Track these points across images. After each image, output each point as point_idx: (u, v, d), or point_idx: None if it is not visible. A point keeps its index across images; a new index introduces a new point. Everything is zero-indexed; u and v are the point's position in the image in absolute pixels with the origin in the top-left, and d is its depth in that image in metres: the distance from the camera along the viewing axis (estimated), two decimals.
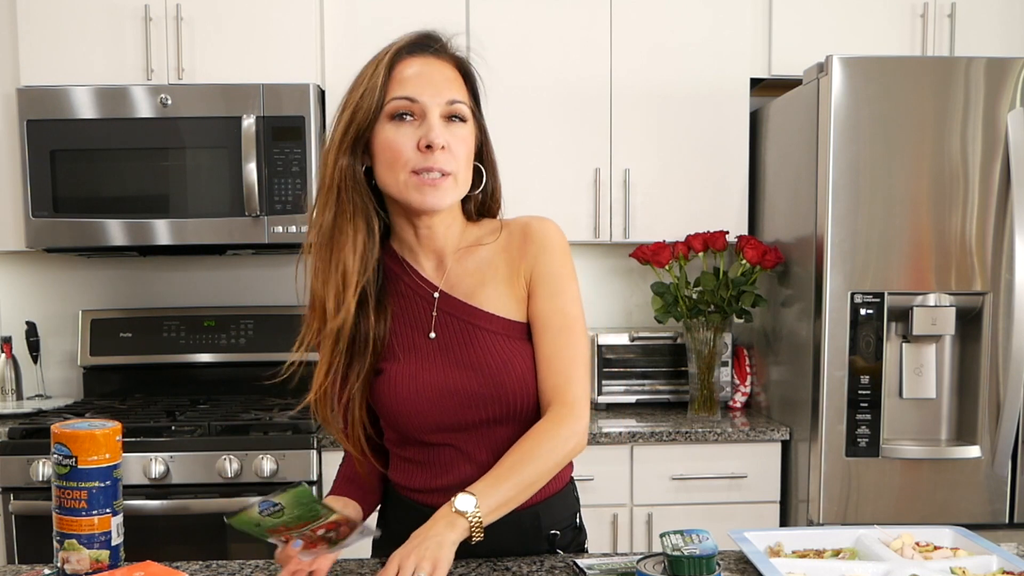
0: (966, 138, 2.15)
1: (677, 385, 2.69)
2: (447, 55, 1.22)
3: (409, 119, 1.17)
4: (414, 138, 1.16)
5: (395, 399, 1.22)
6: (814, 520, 2.24)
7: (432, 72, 1.19)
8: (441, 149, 1.15)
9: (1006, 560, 1.17)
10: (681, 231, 2.59)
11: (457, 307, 1.24)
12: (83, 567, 1.13)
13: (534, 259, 1.24)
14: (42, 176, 2.44)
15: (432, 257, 1.26)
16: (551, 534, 1.29)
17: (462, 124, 1.19)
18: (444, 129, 1.17)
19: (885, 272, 2.17)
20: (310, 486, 1.48)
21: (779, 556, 1.22)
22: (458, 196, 1.21)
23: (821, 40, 2.56)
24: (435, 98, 1.17)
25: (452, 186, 1.18)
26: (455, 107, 1.18)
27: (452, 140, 1.17)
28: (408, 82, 1.17)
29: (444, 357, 1.22)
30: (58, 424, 1.14)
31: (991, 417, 2.19)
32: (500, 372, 1.20)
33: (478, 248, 1.27)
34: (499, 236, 1.27)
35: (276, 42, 2.49)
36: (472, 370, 1.21)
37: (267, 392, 2.78)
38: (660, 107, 2.61)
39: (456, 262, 1.26)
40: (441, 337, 1.23)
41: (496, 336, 1.22)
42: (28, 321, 2.84)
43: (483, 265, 1.26)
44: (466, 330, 1.23)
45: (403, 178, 1.17)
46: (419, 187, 1.16)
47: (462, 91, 1.21)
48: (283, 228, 2.47)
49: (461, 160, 1.19)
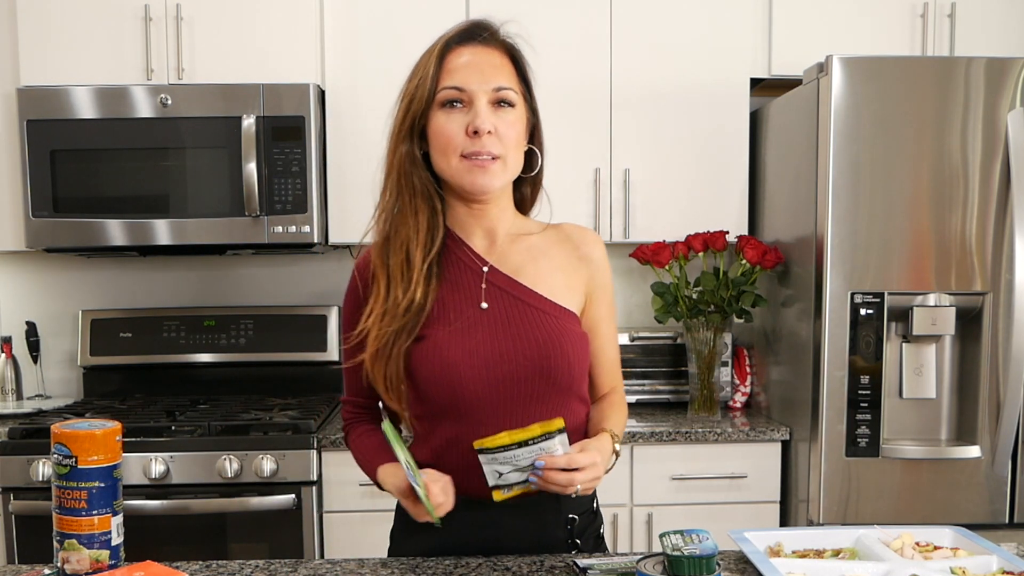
0: (966, 138, 2.15)
1: (677, 385, 2.70)
2: (496, 42, 1.27)
3: (459, 107, 1.23)
4: (463, 124, 1.22)
5: (444, 362, 1.24)
6: (814, 520, 2.24)
7: (480, 61, 1.24)
8: (488, 134, 1.22)
9: (1006, 560, 1.17)
10: (681, 231, 2.59)
11: (506, 282, 1.29)
12: (83, 567, 1.13)
13: (596, 268, 1.35)
14: (42, 176, 2.45)
15: (485, 236, 1.33)
16: (570, 518, 1.31)
17: (510, 109, 1.25)
18: (492, 114, 1.23)
19: (885, 272, 2.17)
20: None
21: (779, 556, 1.23)
22: (508, 178, 1.28)
23: (821, 40, 2.56)
24: (482, 85, 1.23)
25: (501, 168, 1.24)
26: (502, 93, 1.24)
27: (500, 124, 1.23)
28: (457, 72, 1.23)
29: (493, 327, 1.26)
30: (58, 424, 1.14)
31: (991, 417, 2.19)
32: (546, 347, 1.25)
33: (529, 236, 1.35)
34: (545, 232, 1.36)
35: (276, 42, 2.49)
36: (521, 342, 1.25)
37: (267, 392, 2.79)
38: (660, 107, 2.61)
39: (507, 243, 1.33)
40: (491, 308, 1.27)
41: (544, 315, 1.27)
42: (28, 321, 2.84)
43: (534, 251, 1.33)
44: (515, 305, 1.28)
45: (454, 163, 1.23)
46: (470, 170, 1.23)
47: (511, 77, 1.26)
48: (283, 228, 2.47)
49: (510, 143, 1.24)
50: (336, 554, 2.31)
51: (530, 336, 1.25)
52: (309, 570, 1.24)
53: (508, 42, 1.29)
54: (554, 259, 1.33)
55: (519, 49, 1.30)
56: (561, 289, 1.31)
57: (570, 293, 1.32)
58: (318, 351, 2.77)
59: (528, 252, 1.32)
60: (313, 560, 1.28)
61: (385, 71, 2.53)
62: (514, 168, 1.27)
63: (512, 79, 1.26)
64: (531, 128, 1.32)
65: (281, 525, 2.26)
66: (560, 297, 1.30)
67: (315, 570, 1.24)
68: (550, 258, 1.33)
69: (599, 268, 1.36)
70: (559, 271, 1.32)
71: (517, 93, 1.26)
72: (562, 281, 1.32)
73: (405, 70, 1.30)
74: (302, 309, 2.81)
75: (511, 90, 1.24)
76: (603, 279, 1.36)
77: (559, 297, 1.30)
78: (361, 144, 2.56)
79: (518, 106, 1.26)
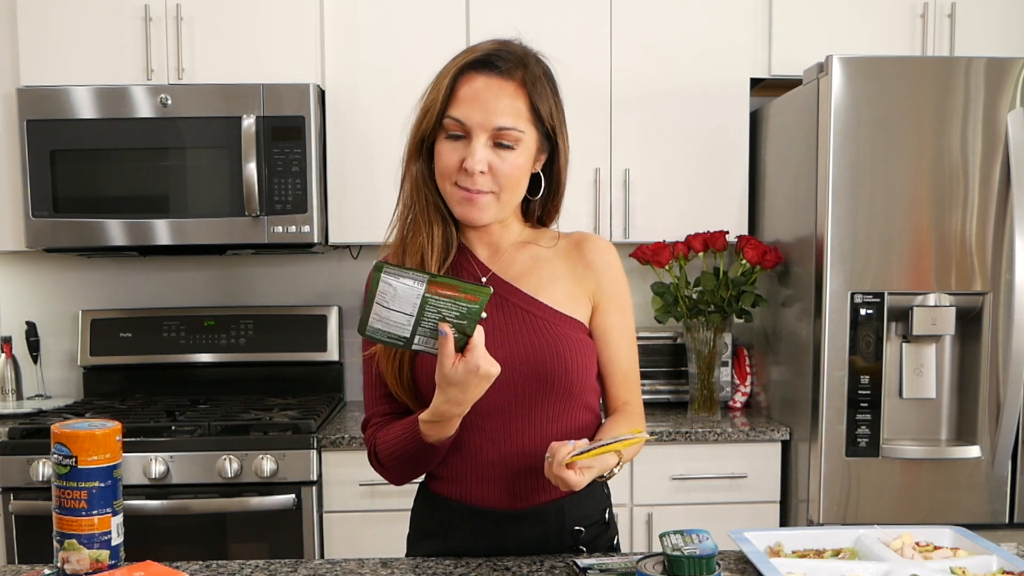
0: (966, 138, 2.15)
1: (677, 385, 2.70)
2: (514, 75, 1.23)
3: (459, 137, 1.22)
4: (459, 157, 1.22)
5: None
6: (814, 520, 2.24)
7: (489, 96, 1.21)
8: (481, 173, 1.21)
9: (1006, 560, 1.17)
10: (681, 231, 2.59)
11: (506, 289, 1.29)
12: (83, 567, 1.13)
13: (601, 274, 1.32)
14: (42, 176, 2.44)
15: (487, 248, 1.33)
16: (575, 530, 1.30)
17: (511, 150, 1.22)
18: (490, 153, 1.21)
19: (885, 272, 2.17)
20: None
21: (779, 556, 1.23)
22: (500, 213, 1.27)
23: (821, 40, 2.56)
24: (483, 123, 1.21)
25: (491, 203, 1.24)
26: (502, 134, 1.21)
27: (497, 163, 1.22)
28: (462, 103, 1.21)
29: (492, 334, 1.23)
30: (58, 424, 1.14)
31: (991, 417, 2.19)
32: (542, 352, 1.24)
33: (535, 246, 1.34)
34: (557, 243, 1.34)
35: (276, 42, 2.49)
36: (518, 347, 1.24)
37: (267, 392, 2.79)
38: (660, 107, 2.61)
39: (512, 251, 1.33)
40: (493, 317, 1.25)
41: (542, 321, 1.27)
42: (28, 321, 2.84)
43: (539, 260, 1.33)
44: (514, 311, 1.27)
45: (448, 188, 1.24)
46: (460, 201, 1.24)
47: (519, 115, 1.22)
48: (283, 228, 2.47)
49: (506, 182, 1.23)
50: (336, 554, 2.31)
51: (527, 341, 1.24)
52: (309, 570, 1.24)
53: (527, 71, 1.24)
54: (558, 268, 1.32)
55: (540, 80, 1.25)
56: (563, 296, 1.30)
57: (573, 301, 1.30)
58: (318, 351, 2.77)
59: (532, 260, 1.32)
60: (313, 560, 1.28)
61: (385, 71, 2.53)
62: (509, 202, 1.26)
63: (520, 116, 1.22)
64: (548, 156, 1.29)
65: (281, 525, 2.26)
66: (562, 305, 1.29)
67: (315, 570, 1.24)
68: (554, 267, 1.32)
69: (607, 276, 1.33)
70: (562, 279, 1.31)
71: (522, 131, 1.22)
72: (564, 289, 1.30)
73: (405, 70, 1.30)
74: (302, 309, 2.81)
75: (513, 130, 1.21)
76: (611, 287, 1.33)
77: (561, 304, 1.29)
78: (361, 144, 2.56)
79: (522, 144, 1.23)
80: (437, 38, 2.50)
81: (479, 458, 1.26)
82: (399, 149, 1.30)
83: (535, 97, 1.24)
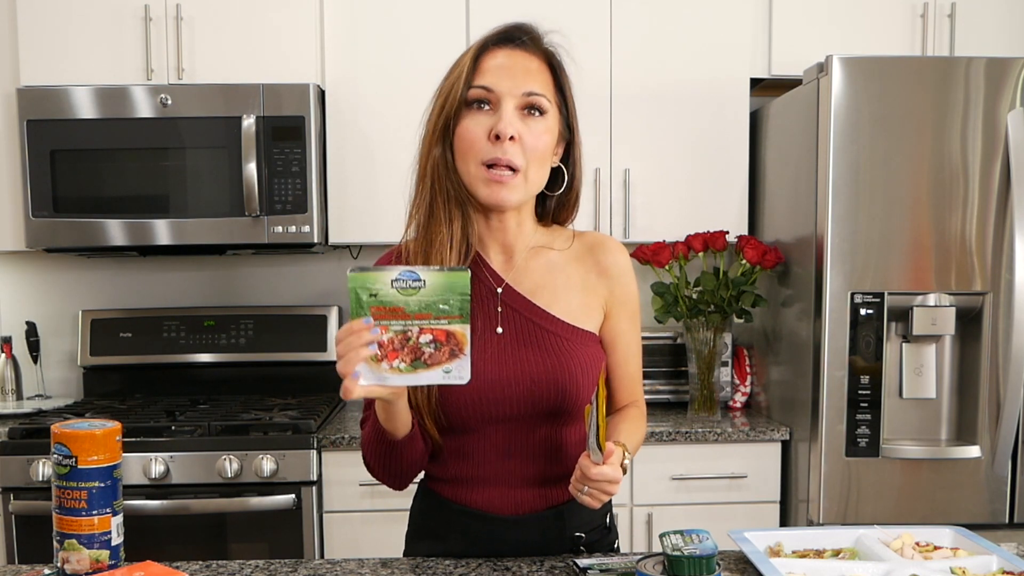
0: (966, 138, 2.15)
1: (677, 385, 2.70)
2: (536, 48, 1.22)
3: (486, 108, 1.17)
4: (487, 128, 1.16)
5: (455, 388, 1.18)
6: (814, 520, 2.24)
7: (514, 64, 1.19)
8: (511, 140, 1.15)
9: (1006, 560, 1.17)
10: (681, 231, 2.59)
11: (521, 303, 1.25)
12: (83, 567, 1.13)
13: (615, 282, 1.30)
14: (42, 176, 2.44)
15: (501, 251, 1.27)
16: (575, 536, 1.29)
17: (540, 118, 1.19)
18: (518, 121, 1.17)
19: (885, 272, 2.17)
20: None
21: (779, 556, 1.22)
22: (526, 196, 1.22)
23: (821, 40, 2.56)
24: (512, 88, 1.17)
25: (520, 184, 1.18)
26: (532, 99, 1.17)
27: (525, 133, 1.17)
28: (489, 72, 1.18)
29: (505, 351, 1.22)
30: (58, 424, 1.14)
31: (991, 417, 2.19)
32: (555, 372, 1.22)
33: (549, 251, 1.29)
34: (571, 245, 1.30)
35: (276, 42, 2.49)
36: (531, 365, 1.22)
37: (267, 392, 2.79)
38: (660, 107, 2.61)
39: (525, 260, 1.28)
40: (506, 332, 1.24)
41: (557, 338, 1.24)
42: (28, 321, 2.84)
43: (553, 268, 1.28)
44: (529, 328, 1.24)
45: (473, 170, 1.18)
46: (487, 182, 1.17)
47: (545, 85, 1.20)
48: (283, 228, 2.47)
49: (533, 155, 1.18)
50: (336, 554, 2.31)
51: (539, 360, 1.22)
52: (309, 570, 1.24)
53: (549, 50, 1.23)
54: (572, 276, 1.28)
55: (560, 59, 1.24)
56: (577, 308, 1.27)
57: (586, 312, 1.28)
58: (318, 351, 2.77)
59: (547, 269, 1.28)
60: (313, 560, 1.28)
61: (385, 71, 2.53)
62: (535, 184, 1.21)
63: (547, 87, 1.20)
64: (566, 145, 1.26)
65: (281, 525, 2.26)
66: (576, 318, 1.26)
67: (315, 570, 1.24)
68: (568, 275, 1.28)
69: (618, 281, 1.30)
70: (576, 290, 1.28)
71: (550, 101, 1.19)
72: (579, 300, 1.28)
73: (405, 70, 1.29)
74: (302, 309, 2.81)
75: (543, 96, 1.18)
76: (622, 293, 1.31)
77: (575, 318, 1.26)
78: (361, 144, 2.56)
79: (549, 115, 1.19)
80: (437, 38, 2.50)
81: (483, 466, 1.26)
82: (399, 149, 1.29)
83: (560, 75, 1.23)
